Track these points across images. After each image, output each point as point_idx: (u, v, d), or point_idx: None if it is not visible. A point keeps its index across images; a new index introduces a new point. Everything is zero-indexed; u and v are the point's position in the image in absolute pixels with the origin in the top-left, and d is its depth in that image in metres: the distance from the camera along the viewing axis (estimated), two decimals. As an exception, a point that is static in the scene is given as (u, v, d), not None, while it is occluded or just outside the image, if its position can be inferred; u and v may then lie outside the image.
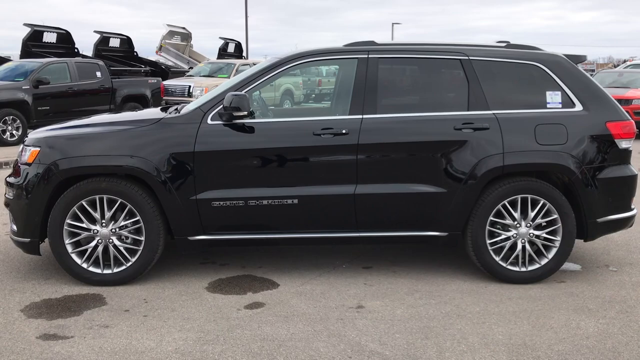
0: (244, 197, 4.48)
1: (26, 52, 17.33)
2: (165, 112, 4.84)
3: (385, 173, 4.56)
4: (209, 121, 4.52)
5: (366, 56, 4.69)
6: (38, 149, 4.53)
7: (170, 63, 23.69)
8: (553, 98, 4.69)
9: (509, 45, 4.98)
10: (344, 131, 4.50)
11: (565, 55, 4.90)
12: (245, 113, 4.46)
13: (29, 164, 4.53)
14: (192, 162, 4.45)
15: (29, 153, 4.56)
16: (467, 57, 4.71)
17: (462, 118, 4.58)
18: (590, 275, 4.87)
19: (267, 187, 4.51)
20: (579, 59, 5.00)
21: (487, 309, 4.17)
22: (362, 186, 4.53)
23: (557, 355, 3.51)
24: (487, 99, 4.64)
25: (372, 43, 4.84)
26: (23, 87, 13.09)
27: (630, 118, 4.83)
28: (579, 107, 4.68)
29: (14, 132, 12.72)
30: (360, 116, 4.56)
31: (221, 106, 4.50)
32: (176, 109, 4.94)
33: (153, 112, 5.13)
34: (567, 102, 4.69)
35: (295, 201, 4.50)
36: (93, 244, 4.51)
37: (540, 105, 4.68)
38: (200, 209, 4.48)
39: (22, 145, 4.76)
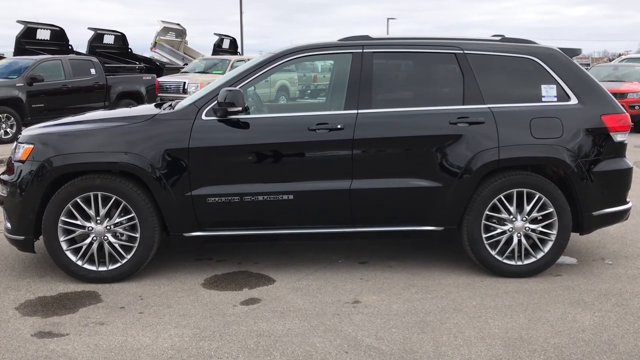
0: (240, 193, 4.47)
1: (20, 50, 17.25)
2: (160, 109, 4.82)
3: (380, 168, 4.55)
4: (203, 117, 4.51)
5: (361, 51, 4.68)
6: (32, 146, 4.50)
7: (164, 59, 23.59)
8: (548, 91, 4.69)
9: (504, 39, 4.97)
10: (339, 126, 4.49)
11: (560, 48, 4.89)
12: (240, 109, 4.44)
13: (22, 162, 4.50)
14: (187, 158, 4.43)
15: (22, 150, 4.53)
16: (462, 51, 4.70)
17: (457, 112, 4.57)
18: (586, 269, 4.88)
19: (262, 182, 4.49)
20: (574, 52, 5.01)
21: (483, 303, 4.17)
22: (358, 181, 4.52)
23: (553, 348, 3.52)
24: (482, 92, 4.63)
25: (367, 37, 4.83)
26: (17, 85, 13.01)
27: (625, 111, 4.84)
28: (574, 100, 4.68)
29: (8, 129, 12.66)
30: (355, 111, 4.54)
31: (216, 102, 4.48)
32: (170, 105, 4.92)
33: (147, 109, 5.11)
34: (562, 96, 4.69)
35: (291, 197, 4.49)
36: (88, 241, 4.49)
37: (536, 99, 4.68)
38: (196, 205, 4.46)
39: (15, 143, 4.74)
